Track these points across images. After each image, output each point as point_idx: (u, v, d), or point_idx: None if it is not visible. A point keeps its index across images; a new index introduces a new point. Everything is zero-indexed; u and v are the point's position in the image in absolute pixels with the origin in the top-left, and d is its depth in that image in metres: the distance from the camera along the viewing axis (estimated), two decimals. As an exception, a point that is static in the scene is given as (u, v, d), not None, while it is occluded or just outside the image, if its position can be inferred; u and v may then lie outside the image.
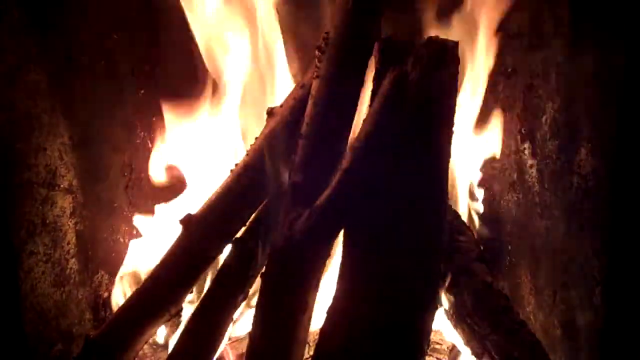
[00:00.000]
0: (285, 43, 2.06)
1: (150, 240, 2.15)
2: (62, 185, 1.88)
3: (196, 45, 2.08)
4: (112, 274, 2.13)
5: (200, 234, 1.66)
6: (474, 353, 1.81)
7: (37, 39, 1.78)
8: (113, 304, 2.07)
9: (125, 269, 2.10)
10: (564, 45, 1.72)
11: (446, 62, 1.51)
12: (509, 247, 2.09)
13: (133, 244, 2.17)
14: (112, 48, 2.09)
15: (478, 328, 1.73)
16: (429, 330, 1.43)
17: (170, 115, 2.18)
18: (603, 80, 1.58)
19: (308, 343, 1.60)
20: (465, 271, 1.86)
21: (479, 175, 2.16)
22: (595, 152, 1.61)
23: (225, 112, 2.15)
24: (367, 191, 1.45)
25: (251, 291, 1.68)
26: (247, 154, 1.69)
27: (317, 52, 1.57)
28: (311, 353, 1.46)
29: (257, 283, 1.58)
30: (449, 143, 1.50)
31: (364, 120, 1.52)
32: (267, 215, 1.64)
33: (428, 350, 1.47)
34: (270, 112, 1.70)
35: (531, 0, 1.88)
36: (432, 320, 1.45)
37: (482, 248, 2.05)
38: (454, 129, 1.52)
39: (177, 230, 1.69)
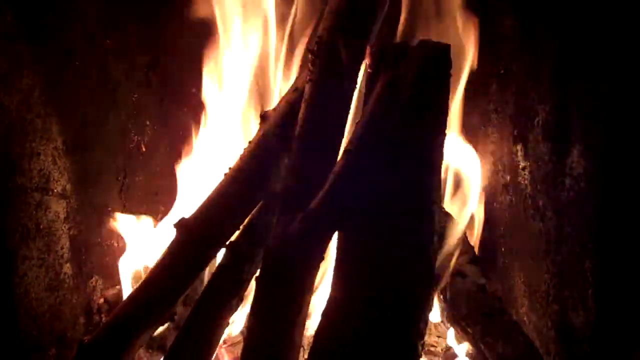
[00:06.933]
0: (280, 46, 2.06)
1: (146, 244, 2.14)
2: (55, 190, 1.88)
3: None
4: (106, 278, 2.13)
5: (194, 237, 1.65)
6: (468, 355, 1.82)
7: (30, 44, 1.78)
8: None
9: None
10: (555, 47, 1.74)
11: (439, 64, 1.52)
12: (502, 249, 2.10)
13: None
14: (105, 53, 2.10)
15: (472, 330, 1.74)
16: (423, 332, 1.44)
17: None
18: (594, 82, 1.59)
19: (303, 346, 1.60)
20: (459, 273, 1.87)
21: (472, 178, 2.16)
22: (587, 154, 1.62)
23: (221, 116, 2.15)
24: (360, 194, 1.45)
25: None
26: (240, 158, 1.69)
27: (310, 56, 1.57)
28: (306, 356, 1.46)
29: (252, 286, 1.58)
30: (442, 145, 1.51)
31: (357, 123, 1.52)
32: (261, 219, 1.65)
33: (423, 352, 1.47)
34: (264, 116, 1.70)
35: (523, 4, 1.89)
36: (427, 322, 1.45)
37: (475, 250, 2.06)
38: (446, 131, 1.52)
39: (172, 234, 1.69)
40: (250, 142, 1.70)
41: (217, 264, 1.69)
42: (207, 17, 2.06)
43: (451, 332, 1.89)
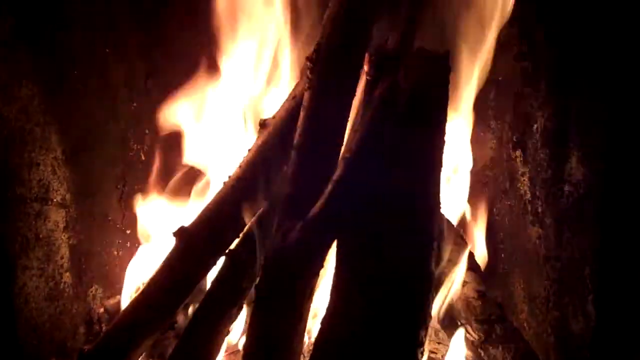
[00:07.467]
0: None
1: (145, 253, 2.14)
2: (55, 200, 1.88)
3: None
4: (106, 287, 2.12)
5: (193, 246, 1.66)
6: (469, 361, 1.82)
7: (30, 52, 1.78)
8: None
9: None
10: (554, 54, 1.74)
11: (437, 72, 1.53)
12: (502, 255, 2.10)
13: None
14: (104, 61, 2.10)
15: (471, 337, 1.74)
16: (423, 339, 1.43)
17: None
18: (592, 89, 1.59)
19: (303, 354, 1.60)
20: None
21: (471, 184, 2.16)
22: (585, 161, 1.62)
23: (220, 122, 2.15)
24: (359, 201, 1.45)
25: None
26: (239, 166, 1.69)
27: (308, 63, 1.57)
28: (306, 364, 1.46)
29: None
30: (441, 152, 1.51)
31: (356, 131, 1.52)
32: (260, 227, 1.65)
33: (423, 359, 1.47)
34: (263, 124, 1.71)
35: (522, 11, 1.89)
36: (427, 328, 1.45)
37: (474, 256, 2.06)
38: (445, 138, 1.53)
39: (171, 242, 1.69)
40: (249, 150, 1.70)
41: (216, 272, 1.69)
42: (206, 25, 2.07)
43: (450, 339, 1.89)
